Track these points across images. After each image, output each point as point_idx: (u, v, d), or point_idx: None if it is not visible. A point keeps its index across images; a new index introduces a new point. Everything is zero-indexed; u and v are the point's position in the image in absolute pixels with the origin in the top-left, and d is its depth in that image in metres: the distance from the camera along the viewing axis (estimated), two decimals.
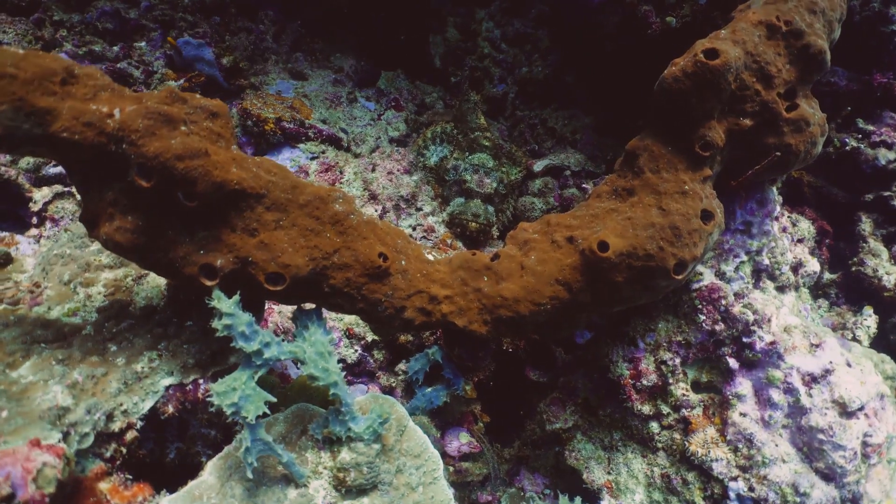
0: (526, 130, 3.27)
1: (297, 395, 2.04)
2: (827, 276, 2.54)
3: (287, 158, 2.82)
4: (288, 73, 3.35)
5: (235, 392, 1.42)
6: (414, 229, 2.48)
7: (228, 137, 1.40)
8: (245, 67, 3.11)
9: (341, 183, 2.62)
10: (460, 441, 2.64)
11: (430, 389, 2.55)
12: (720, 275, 1.76)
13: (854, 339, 2.25)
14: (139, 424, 1.54)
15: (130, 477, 1.52)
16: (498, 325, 1.59)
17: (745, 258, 1.76)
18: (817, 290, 2.57)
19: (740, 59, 1.45)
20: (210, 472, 1.58)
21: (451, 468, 2.59)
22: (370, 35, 3.81)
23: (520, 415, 2.72)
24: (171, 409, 1.61)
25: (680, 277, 1.51)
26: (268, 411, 1.44)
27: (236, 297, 1.42)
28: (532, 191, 2.87)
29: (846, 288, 2.55)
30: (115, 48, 3.02)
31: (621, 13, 2.66)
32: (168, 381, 1.62)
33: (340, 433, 1.58)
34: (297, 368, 2.59)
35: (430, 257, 1.66)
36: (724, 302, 1.70)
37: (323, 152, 2.84)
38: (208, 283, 1.41)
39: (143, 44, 3.09)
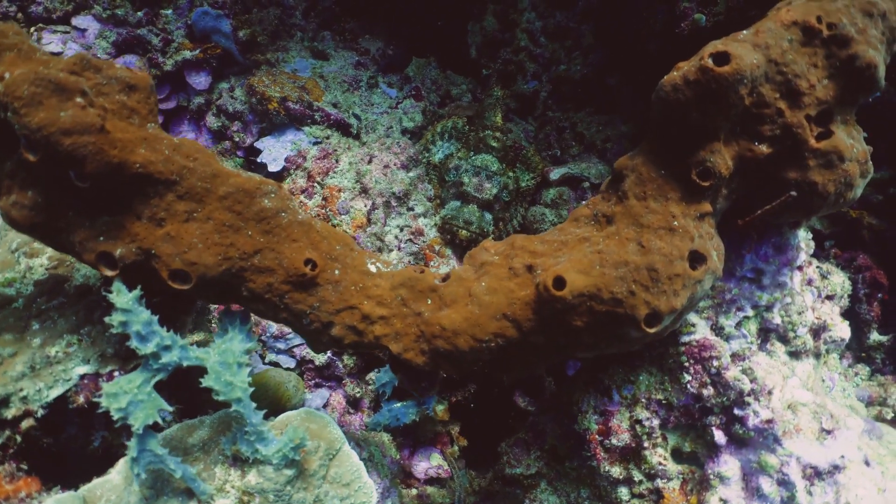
0: (552, 133, 2.99)
1: None
2: (874, 336, 2.15)
3: (289, 140, 2.69)
4: (310, 51, 3.22)
5: (126, 396, 1.29)
6: (401, 230, 2.29)
7: (145, 114, 1.26)
8: (263, 42, 3.00)
9: (335, 172, 2.45)
10: (430, 462, 2.45)
11: (399, 405, 2.36)
12: (717, 329, 1.46)
13: (895, 419, 1.87)
14: (40, 413, 1.44)
15: (25, 468, 1.43)
16: (436, 357, 1.37)
17: (750, 313, 1.45)
18: (860, 351, 2.17)
19: (759, 68, 1.15)
20: (119, 470, 1.47)
21: (415, 490, 2.40)
22: (406, 18, 3.62)
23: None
24: (81, 399, 1.50)
25: (653, 331, 1.24)
26: (159, 420, 1.31)
27: (136, 292, 1.28)
28: (544, 201, 2.61)
29: None
30: (139, 14, 2.98)
31: (665, 9, 2.34)
32: (83, 369, 1.51)
33: (247, 454, 1.42)
34: (263, 364, 2.47)
35: (374, 269, 1.46)
36: (715, 363, 1.41)
37: (327, 137, 2.69)
38: (108, 272, 1.28)
39: (168, 11, 3.03)
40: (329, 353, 2.31)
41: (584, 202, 1.44)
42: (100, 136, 1.13)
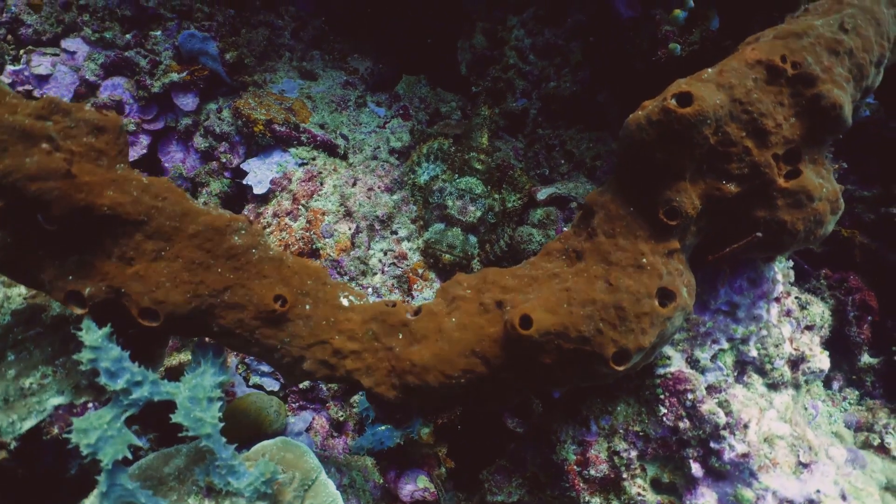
0: (541, 151, 2.99)
1: (228, 418, 1.91)
2: (865, 359, 2.13)
3: (275, 162, 2.70)
4: (298, 71, 3.23)
5: (95, 432, 1.29)
6: (385, 254, 2.28)
7: (113, 155, 1.26)
8: (250, 63, 3.01)
9: (319, 195, 2.46)
10: (416, 485, 2.43)
11: (383, 428, 2.35)
12: (692, 362, 1.45)
13: (882, 446, 1.85)
14: (13, 445, 1.44)
15: None
16: (407, 391, 1.37)
17: (726, 346, 1.44)
18: (851, 374, 2.16)
19: (723, 108, 1.15)
20: (92, 501, 1.47)
21: None
22: (395, 37, 3.63)
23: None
24: (56, 429, 1.51)
25: (621, 369, 1.23)
26: (129, 456, 1.30)
27: (106, 330, 1.28)
28: (532, 221, 2.60)
29: (887, 378, 2.12)
30: (128, 36, 3.00)
31: (650, 31, 2.34)
32: (57, 400, 1.51)
33: (220, 486, 1.42)
34: (248, 386, 2.46)
35: (346, 302, 1.46)
36: (690, 396, 1.40)
37: (313, 159, 2.70)
38: (78, 310, 1.28)
39: (157, 32, 3.05)
40: None
41: (559, 234, 1.43)
42: (65, 180, 1.14)
